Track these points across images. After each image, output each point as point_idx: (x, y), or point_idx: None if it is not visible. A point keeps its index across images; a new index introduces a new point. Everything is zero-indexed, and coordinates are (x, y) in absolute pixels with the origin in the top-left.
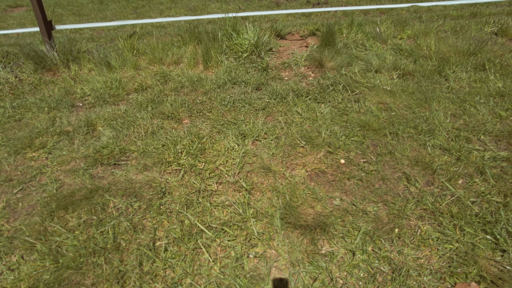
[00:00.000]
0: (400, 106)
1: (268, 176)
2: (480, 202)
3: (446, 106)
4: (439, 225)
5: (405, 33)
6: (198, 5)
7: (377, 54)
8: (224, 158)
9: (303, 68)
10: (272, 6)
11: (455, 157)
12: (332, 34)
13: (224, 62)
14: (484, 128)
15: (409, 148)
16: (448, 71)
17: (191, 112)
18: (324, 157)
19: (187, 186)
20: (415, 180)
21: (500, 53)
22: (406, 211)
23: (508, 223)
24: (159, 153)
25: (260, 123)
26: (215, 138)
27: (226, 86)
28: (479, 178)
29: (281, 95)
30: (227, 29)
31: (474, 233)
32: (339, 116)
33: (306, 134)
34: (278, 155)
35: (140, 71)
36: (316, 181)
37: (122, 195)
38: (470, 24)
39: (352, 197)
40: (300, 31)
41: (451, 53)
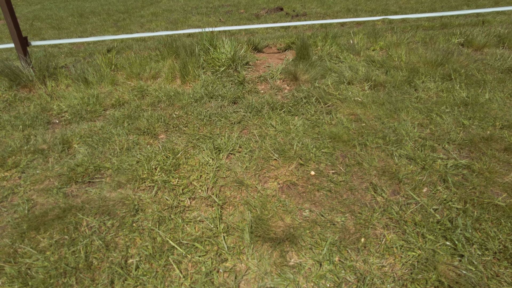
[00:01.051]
0: (370, 117)
1: (241, 190)
2: (442, 209)
3: (414, 116)
4: (403, 233)
5: (378, 44)
6: (179, 17)
7: (350, 66)
8: (198, 173)
9: (279, 81)
10: (252, 19)
11: (421, 166)
12: (306, 48)
13: (201, 76)
14: (448, 137)
15: (377, 158)
16: (417, 81)
17: (167, 127)
18: (295, 169)
19: (160, 202)
20: (382, 190)
21: (466, 63)
22: (373, 221)
23: (466, 229)
24: (133, 169)
25: (235, 136)
26: (190, 153)
27: (203, 100)
28: (442, 186)
29: (256, 109)
30: (204, 44)
31: (435, 239)
32: (312, 128)
33: (279, 147)
34: (251, 168)
35: (118, 86)
36: (287, 194)
37: (96, 214)
38: (438, 36)
39: (321, 208)
40: (277, 44)
41: (420, 63)
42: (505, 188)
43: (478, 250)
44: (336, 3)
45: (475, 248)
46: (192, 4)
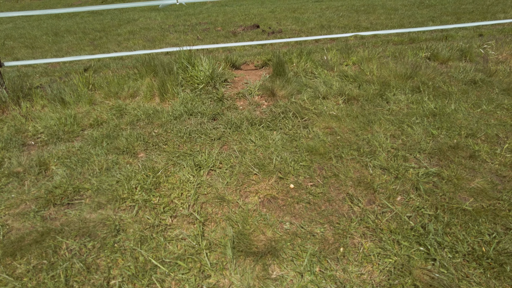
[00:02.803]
0: (344, 130)
1: (223, 205)
2: (415, 216)
3: (387, 128)
4: (380, 241)
5: (351, 59)
6: (157, 35)
7: (325, 81)
8: (179, 191)
9: (257, 97)
10: (229, 36)
11: (394, 176)
12: (282, 65)
13: (180, 94)
14: (419, 147)
15: (352, 169)
16: (388, 94)
17: (147, 145)
18: (275, 183)
19: (141, 222)
20: (358, 200)
21: (433, 76)
22: (350, 230)
23: (437, 234)
24: (113, 190)
25: (216, 153)
26: (170, 170)
27: (182, 118)
28: (414, 193)
29: (236, 124)
30: (182, 62)
31: (410, 245)
32: (290, 142)
33: (259, 162)
34: (232, 184)
35: (96, 106)
36: (268, 207)
37: (76, 236)
38: (407, 50)
39: (301, 220)
40: (255, 61)
41: (391, 77)
42: (471, 193)
43: (449, 254)
44: (310, 20)
45: (446, 251)
46: (169, 22)
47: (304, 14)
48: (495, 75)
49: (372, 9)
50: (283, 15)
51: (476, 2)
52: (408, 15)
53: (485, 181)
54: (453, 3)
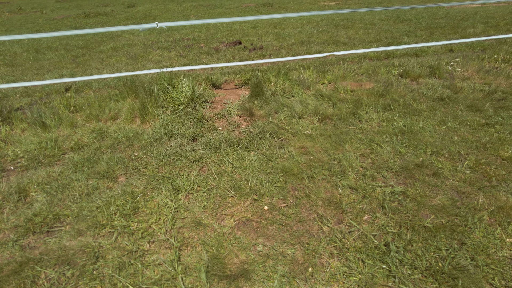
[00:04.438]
0: (318, 150)
1: (199, 230)
2: (380, 235)
3: (357, 147)
4: (346, 260)
5: (326, 78)
6: (140, 52)
7: (301, 100)
8: (156, 215)
9: (236, 117)
10: (211, 52)
11: (362, 195)
12: (260, 85)
13: (161, 116)
14: (387, 165)
15: (323, 189)
16: (361, 113)
17: (127, 169)
18: (250, 205)
19: (120, 248)
20: (327, 220)
21: (404, 93)
22: (319, 250)
23: (399, 252)
24: (93, 216)
25: (194, 175)
26: (149, 195)
27: (162, 140)
28: (380, 212)
29: (214, 146)
30: (163, 84)
31: (373, 264)
32: (266, 163)
33: (235, 184)
34: (209, 207)
35: (77, 129)
36: (243, 230)
37: (55, 264)
38: (380, 67)
39: (273, 242)
40: (235, 80)
41: (364, 95)
42: (433, 210)
43: (409, 270)
44: (290, 36)
45: (406, 268)
46: (152, 38)
47: (285, 30)
48: (461, 91)
49: (351, 23)
50: (264, 31)
51: (448, 17)
52: (385, 29)
53: (446, 198)
54: (427, 18)
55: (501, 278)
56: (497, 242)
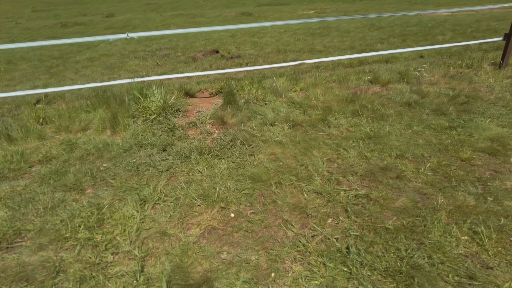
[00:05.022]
0: (287, 156)
1: (164, 240)
2: (342, 238)
3: (325, 152)
4: (308, 264)
5: (299, 86)
6: (116, 62)
7: (273, 108)
8: (122, 227)
9: (209, 125)
10: (189, 62)
11: (326, 199)
12: (233, 94)
13: (131, 126)
14: (352, 170)
15: (290, 195)
16: (330, 119)
17: (95, 180)
18: (217, 213)
19: (82, 261)
20: (292, 225)
21: (372, 99)
22: (283, 255)
23: (360, 254)
24: (56, 229)
25: (162, 185)
26: (115, 206)
27: (132, 150)
28: (344, 216)
29: (185, 155)
30: (134, 93)
31: (335, 267)
32: (235, 171)
33: (203, 192)
34: (175, 217)
35: (46, 141)
36: (208, 238)
37: (12, 281)
38: (351, 74)
39: (238, 249)
40: (209, 88)
41: (334, 102)
42: (395, 212)
43: (369, 271)
44: (268, 45)
45: (366, 270)
46: (130, 48)
47: (263, 38)
48: (427, 96)
49: (327, 31)
50: (242, 40)
51: (419, 25)
52: (360, 37)
53: (408, 199)
54: (400, 26)
55: (455, 275)
56: (453, 240)
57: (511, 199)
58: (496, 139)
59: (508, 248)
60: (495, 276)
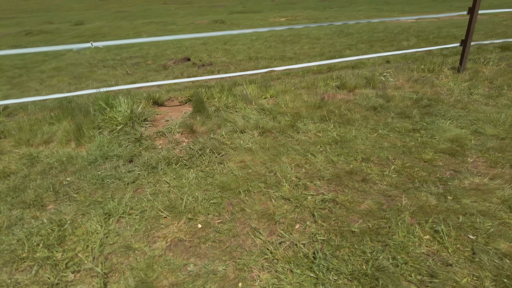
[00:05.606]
0: (256, 163)
1: (129, 254)
2: (310, 243)
3: (293, 158)
4: (276, 271)
5: (269, 93)
6: (84, 72)
7: (244, 115)
8: (84, 243)
9: (178, 134)
10: (159, 70)
11: (294, 205)
12: (202, 102)
13: (97, 137)
14: (319, 174)
15: (258, 202)
16: (299, 125)
17: (57, 195)
18: (184, 225)
19: (39, 282)
20: (260, 232)
21: (340, 104)
22: (250, 264)
23: (326, 258)
24: (12, 250)
25: (128, 197)
26: (78, 222)
27: (97, 162)
28: (311, 220)
29: (152, 166)
30: (100, 104)
31: (302, 273)
32: (204, 180)
33: (170, 204)
34: (141, 230)
35: (4, 156)
36: (174, 251)
37: None
38: (319, 80)
39: (205, 260)
40: (179, 97)
41: (303, 108)
42: (361, 215)
43: (335, 276)
44: (239, 52)
45: (332, 274)
46: (99, 57)
47: (235, 46)
48: (392, 100)
49: (298, 38)
50: (214, 47)
51: (386, 31)
52: (329, 43)
53: (373, 202)
54: (367, 32)
55: (417, 274)
56: (416, 240)
57: (468, 197)
58: (455, 140)
59: (466, 244)
60: (454, 273)
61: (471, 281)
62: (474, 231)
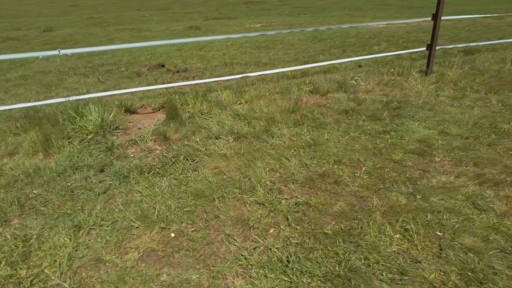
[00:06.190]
0: (231, 169)
1: (99, 267)
2: (283, 247)
3: (268, 162)
4: (250, 277)
5: (243, 98)
6: (54, 80)
7: (218, 121)
8: (51, 258)
9: (151, 142)
10: (133, 77)
11: (268, 209)
12: (175, 108)
13: (66, 147)
14: (293, 178)
15: (233, 208)
16: (274, 129)
17: (23, 209)
18: (157, 234)
19: None
20: (234, 239)
21: (313, 108)
22: (224, 271)
23: (300, 261)
24: None
25: (99, 208)
26: (45, 236)
27: (66, 173)
28: (285, 224)
29: (123, 175)
30: (69, 113)
31: (275, 277)
32: (178, 188)
33: (143, 213)
34: (112, 241)
35: None
36: (147, 262)
37: None
38: (293, 86)
39: (179, 269)
40: (152, 104)
41: (277, 112)
42: (334, 217)
43: (308, 278)
44: (215, 58)
45: (306, 277)
46: (69, 65)
47: (210, 52)
48: (363, 103)
49: (272, 44)
50: (189, 53)
51: (358, 36)
52: (303, 49)
53: (346, 203)
54: (340, 37)
55: (388, 272)
56: (387, 240)
57: (436, 195)
58: (423, 141)
59: (434, 241)
60: (422, 269)
61: (439, 276)
62: (441, 228)
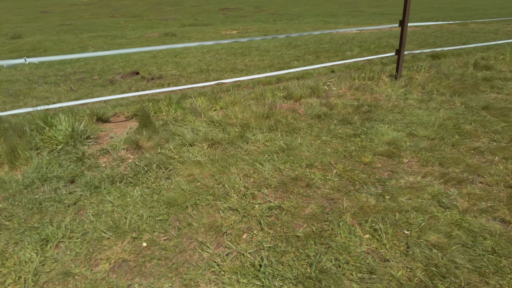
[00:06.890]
0: (205, 176)
1: (68, 281)
2: (256, 251)
3: (242, 168)
4: (223, 284)
5: (218, 105)
6: (22, 89)
7: (193, 128)
8: (16, 274)
9: (123, 151)
10: (106, 85)
11: (242, 215)
12: (148, 116)
13: (34, 158)
14: (266, 182)
15: (206, 215)
16: (249, 135)
17: None
18: (128, 244)
19: None
20: (207, 246)
21: (286, 114)
22: (197, 279)
23: (272, 265)
24: None
25: (68, 220)
26: (9, 252)
27: (34, 185)
28: (257, 229)
29: (94, 185)
30: (38, 123)
31: (248, 282)
32: (150, 197)
33: (114, 224)
34: (82, 254)
35: None
36: (118, 272)
37: None
38: (267, 91)
39: (151, 279)
40: (125, 112)
41: (252, 118)
42: (305, 219)
43: (280, 281)
44: (190, 65)
45: (277, 280)
46: (39, 73)
47: (185, 59)
48: (335, 108)
49: (248, 51)
50: (164, 60)
51: (331, 42)
52: (278, 55)
53: (317, 206)
54: (314, 43)
55: (358, 272)
56: (357, 240)
57: (404, 195)
58: (392, 143)
59: (401, 239)
60: (390, 267)
61: (405, 273)
62: (409, 227)
